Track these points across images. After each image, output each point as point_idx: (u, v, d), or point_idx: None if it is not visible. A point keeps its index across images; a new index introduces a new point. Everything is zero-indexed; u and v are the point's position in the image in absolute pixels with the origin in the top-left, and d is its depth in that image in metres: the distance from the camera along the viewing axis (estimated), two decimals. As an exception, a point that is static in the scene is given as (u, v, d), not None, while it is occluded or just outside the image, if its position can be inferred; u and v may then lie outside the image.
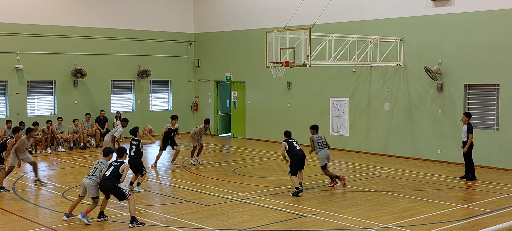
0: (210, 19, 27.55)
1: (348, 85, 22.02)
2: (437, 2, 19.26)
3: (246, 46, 25.76)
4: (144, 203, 13.71)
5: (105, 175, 11.72)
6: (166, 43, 27.41)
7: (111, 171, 11.70)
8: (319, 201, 13.96)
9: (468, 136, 16.22)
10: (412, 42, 20.06)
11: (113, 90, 26.21)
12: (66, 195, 14.41)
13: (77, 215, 11.85)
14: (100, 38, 25.44)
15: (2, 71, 23.08)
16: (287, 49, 17.24)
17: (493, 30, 18.16)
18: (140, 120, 26.68)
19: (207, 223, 11.83)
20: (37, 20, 23.82)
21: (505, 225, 7.65)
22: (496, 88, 18.31)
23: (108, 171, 11.71)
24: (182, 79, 28.18)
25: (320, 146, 15.53)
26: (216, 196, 14.36)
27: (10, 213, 12.74)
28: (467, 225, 11.76)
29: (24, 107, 23.57)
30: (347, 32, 20.36)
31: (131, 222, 11.52)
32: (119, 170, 11.68)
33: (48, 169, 18.82)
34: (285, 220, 12.17)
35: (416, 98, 20.12)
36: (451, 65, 19.14)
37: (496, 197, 14.28)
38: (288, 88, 24.19)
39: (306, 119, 23.47)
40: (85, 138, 23.28)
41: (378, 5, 21.02)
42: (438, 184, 15.97)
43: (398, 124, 20.70)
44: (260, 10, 25.06)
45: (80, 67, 24.53)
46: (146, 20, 26.74)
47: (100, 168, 11.92)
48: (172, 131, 19.12)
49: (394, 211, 12.83)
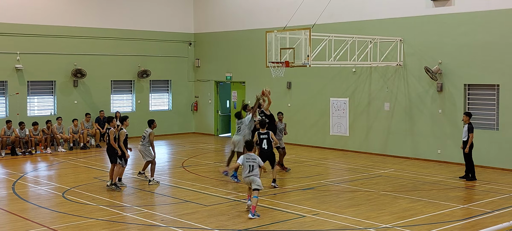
0: (210, 19, 27.55)
1: (348, 85, 22.02)
2: (437, 2, 19.26)
3: (246, 46, 25.76)
4: (144, 203, 13.71)
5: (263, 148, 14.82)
6: (166, 43, 27.41)
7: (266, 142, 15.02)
8: (319, 201, 13.96)
9: (469, 135, 16.22)
10: (412, 42, 20.06)
11: (113, 90, 26.21)
12: (66, 195, 14.40)
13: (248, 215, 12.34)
14: (100, 38, 25.44)
15: (2, 71, 23.08)
16: (287, 49, 17.24)
17: (493, 30, 18.16)
18: (140, 120, 26.72)
19: (207, 223, 11.83)
20: (37, 20, 23.82)
21: (505, 225, 7.64)
22: (496, 88, 18.31)
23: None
24: (182, 79, 28.18)
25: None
26: (216, 196, 14.36)
27: (10, 213, 12.74)
28: (467, 225, 11.76)
29: (24, 108, 23.57)
30: (347, 32, 20.36)
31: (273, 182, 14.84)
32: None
33: (48, 169, 18.82)
34: (285, 220, 12.17)
35: (416, 98, 20.11)
36: (451, 65, 19.14)
37: (496, 197, 14.28)
38: (288, 88, 24.18)
39: (306, 119, 23.49)
40: (85, 138, 23.28)
41: (378, 5, 21.02)
42: (438, 184, 15.97)
43: (398, 124, 20.70)
44: (260, 10, 25.06)
45: (80, 67, 24.53)
46: (146, 20, 26.74)
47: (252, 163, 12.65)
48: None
49: (394, 211, 12.82)
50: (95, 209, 13.00)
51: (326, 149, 22.43)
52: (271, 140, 15.29)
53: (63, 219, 12.12)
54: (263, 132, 15.33)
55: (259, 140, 15.23)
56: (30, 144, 21.76)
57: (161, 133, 26.38)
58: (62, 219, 12.13)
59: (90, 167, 18.84)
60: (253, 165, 12.60)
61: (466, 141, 16.34)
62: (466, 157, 16.43)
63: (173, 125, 27.76)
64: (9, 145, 21.39)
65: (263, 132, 15.33)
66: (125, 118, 15.56)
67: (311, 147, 22.89)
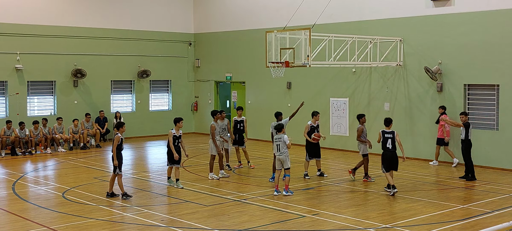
0: (210, 19, 27.56)
1: (348, 85, 22.02)
2: (437, 2, 19.26)
3: (246, 46, 25.77)
4: (144, 203, 13.71)
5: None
6: (166, 43, 27.41)
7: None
8: (319, 201, 13.96)
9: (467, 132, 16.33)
10: (412, 42, 20.07)
11: (113, 90, 26.21)
12: (66, 195, 14.41)
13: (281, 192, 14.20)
14: (100, 38, 25.44)
15: (2, 71, 23.08)
16: (287, 49, 17.24)
17: (493, 30, 18.16)
18: (140, 120, 26.74)
19: (207, 223, 11.83)
20: (37, 20, 23.82)
21: (505, 225, 7.65)
22: (496, 88, 18.31)
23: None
24: (182, 79, 28.18)
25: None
26: (216, 196, 14.36)
27: (10, 213, 12.74)
28: (467, 225, 11.76)
29: (24, 108, 23.57)
30: (347, 32, 20.36)
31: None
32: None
33: (48, 169, 18.82)
34: (285, 220, 12.17)
35: (416, 98, 20.12)
36: (451, 65, 19.14)
37: (496, 197, 14.28)
38: (288, 88, 24.19)
39: (306, 119, 23.43)
40: (85, 138, 23.28)
41: (378, 5, 21.02)
42: (438, 184, 15.97)
43: (398, 124, 20.66)
44: (260, 10, 25.06)
45: (80, 67, 24.54)
46: (146, 20, 26.74)
47: (278, 142, 14.25)
48: (238, 122, 18.34)
49: (394, 211, 12.82)
50: (95, 209, 13.00)
51: (326, 149, 22.42)
52: (395, 141, 14.74)
53: (63, 219, 12.13)
54: (388, 131, 14.86)
55: (383, 139, 14.83)
56: (30, 144, 21.76)
57: (161, 133, 26.40)
58: (62, 219, 12.13)
59: (90, 167, 18.84)
60: (279, 144, 14.15)
61: (463, 139, 16.40)
62: (465, 157, 16.44)
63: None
64: (9, 145, 21.40)
65: (388, 131, 14.86)
66: (121, 124, 14.34)
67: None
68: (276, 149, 14.29)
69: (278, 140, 14.20)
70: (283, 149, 14.15)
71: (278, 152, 14.22)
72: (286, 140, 14.11)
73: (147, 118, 26.97)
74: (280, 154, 14.19)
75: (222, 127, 17.32)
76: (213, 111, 17.22)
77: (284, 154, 14.17)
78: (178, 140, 15.24)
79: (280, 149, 14.17)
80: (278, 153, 14.23)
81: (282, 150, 14.15)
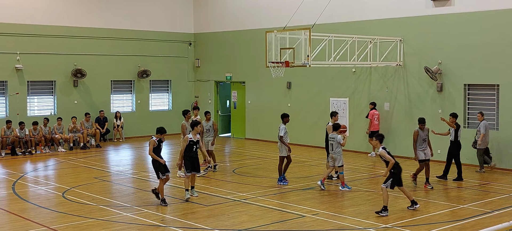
0: (210, 19, 27.55)
1: (348, 85, 22.02)
2: (437, 2, 19.27)
3: (246, 46, 25.76)
4: (144, 203, 13.71)
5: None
6: (166, 43, 27.41)
7: None
8: (319, 201, 13.96)
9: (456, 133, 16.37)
10: (412, 42, 20.07)
11: (113, 90, 26.21)
12: (66, 195, 14.41)
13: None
14: (100, 38, 25.44)
15: (2, 71, 23.08)
16: (287, 49, 17.25)
17: (493, 30, 18.16)
18: (140, 120, 26.74)
19: (207, 223, 11.83)
20: (37, 20, 23.82)
21: (505, 225, 7.65)
22: (496, 88, 18.31)
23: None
24: (182, 79, 28.18)
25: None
26: (216, 196, 14.36)
27: (10, 213, 12.74)
28: (467, 225, 11.76)
29: (24, 108, 23.57)
30: (347, 32, 20.36)
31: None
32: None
33: (48, 169, 18.82)
34: (285, 220, 12.17)
35: (416, 98, 20.12)
36: (451, 65, 19.14)
37: (496, 197, 14.28)
38: (288, 88, 24.19)
39: (306, 119, 23.50)
40: (85, 138, 23.28)
41: (378, 5, 21.02)
42: (438, 184, 15.96)
43: (398, 124, 20.70)
44: (260, 10, 25.06)
45: (80, 67, 24.53)
46: (146, 20, 26.74)
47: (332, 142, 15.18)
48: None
49: (394, 211, 12.82)
50: (95, 209, 13.00)
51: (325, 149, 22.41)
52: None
53: (63, 219, 12.13)
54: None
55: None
56: (30, 144, 21.76)
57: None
58: (62, 219, 12.13)
59: (90, 167, 18.84)
60: (332, 144, 15.14)
61: (453, 141, 16.43)
62: (454, 158, 16.45)
63: (173, 125, 27.65)
64: (9, 145, 21.40)
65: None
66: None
67: (311, 147, 22.88)
68: (330, 147, 15.24)
69: (332, 139, 15.20)
70: (337, 148, 15.09)
71: (332, 150, 15.18)
72: (340, 140, 15.06)
73: (147, 117, 26.94)
74: (334, 153, 15.13)
75: (206, 128, 17.78)
76: (184, 111, 17.84)
77: (337, 152, 15.10)
78: (196, 145, 13.86)
79: (334, 148, 15.13)
80: (332, 152, 15.19)
81: (335, 149, 15.10)
